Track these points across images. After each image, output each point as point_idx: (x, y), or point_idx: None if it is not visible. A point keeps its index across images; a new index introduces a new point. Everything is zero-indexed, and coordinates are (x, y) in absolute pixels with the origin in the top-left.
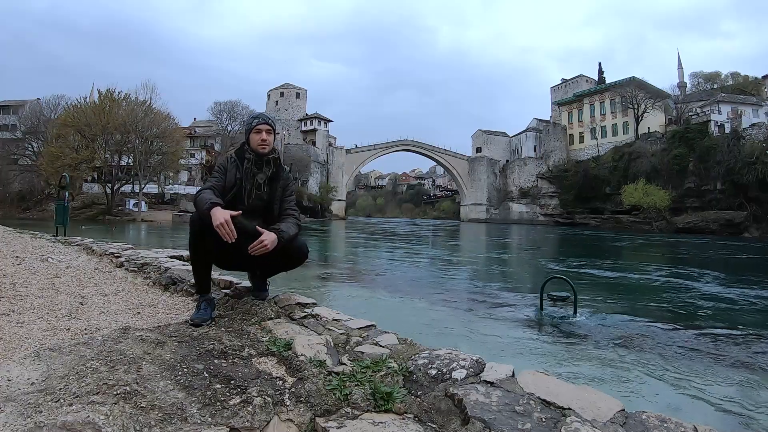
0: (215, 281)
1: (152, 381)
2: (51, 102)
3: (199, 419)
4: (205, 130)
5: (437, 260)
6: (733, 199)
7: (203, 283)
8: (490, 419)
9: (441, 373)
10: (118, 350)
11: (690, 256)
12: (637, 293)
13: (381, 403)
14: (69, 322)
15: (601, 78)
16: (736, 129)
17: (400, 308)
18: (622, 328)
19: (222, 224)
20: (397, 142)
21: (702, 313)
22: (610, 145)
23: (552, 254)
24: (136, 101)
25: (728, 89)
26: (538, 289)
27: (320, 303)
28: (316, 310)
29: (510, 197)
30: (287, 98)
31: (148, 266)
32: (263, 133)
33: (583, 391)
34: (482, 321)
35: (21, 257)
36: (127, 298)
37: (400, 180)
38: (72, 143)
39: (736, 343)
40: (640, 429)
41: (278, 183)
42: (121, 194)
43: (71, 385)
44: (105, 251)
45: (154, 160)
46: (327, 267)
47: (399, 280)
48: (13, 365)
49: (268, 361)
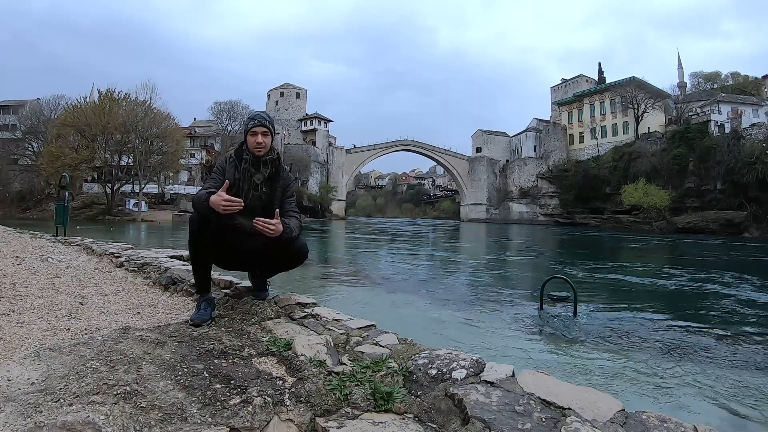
0: (215, 281)
1: (152, 381)
2: (51, 102)
3: (199, 419)
4: (205, 130)
5: (437, 260)
6: (733, 199)
7: (203, 283)
8: (490, 419)
9: (441, 373)
10: (118, 350)
11: (690, 256)
12: (638, 293)
13: (381, 403)
14: (69, 322)
15: (601, 78)
16: (736, 129)
17: (400, 308)
18: (622, 329)
19: (222, 200)
20: (397, 142)
21: (702, 314)
22: (610, 145)
23: (552, 254)
24: (136, 101)
25: (728, 89)
26: (538, 289)
27: (320, 303)
28: (316, 310)
29: (510, 197)
30: (287, 98)
31: (148, 266)
32: (258, 135)
33: (583, 391)
34: (482, 321)
35: (21, 257)
36: (127, 298)
37: (400, 180)
38: (72, 143)
39: (737, 344)
40: (640, 429)
41: (278, 183)
42: (121, 194)
43: (71, 385)
44: (105, 251)
45: (154, 160)
46: (327, 267)
47: (399, 280)
48: (13, 365)
49: (268, 361)
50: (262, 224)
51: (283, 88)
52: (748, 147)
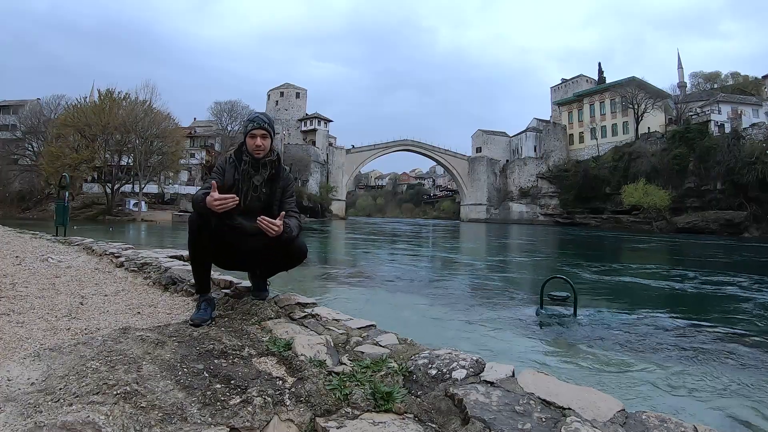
0: (215, 281)
1: (152, 381)
2: (51, 102)
3: (199, 419)
4: (205, 130)
5: (437, 260)
6: (733, 199)
7: (203, 283)
8: (490, 419)
9: (441, 373)
10: (118, 350)
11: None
12: (638, 294)
13: (381, 403)
14: (69, 322)
15: (601, 78)
16: (736, 129)
17: (400, 308)
18: (622, 329)
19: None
20: (397, 142)
21: (702, 314)
22: (610, 145)
23: (552, 254)
24: (136, 101)
25: (728, 89)
26: (538, 289)
27: (320, 303)
28: (316, 310)
29: (510, 197)
30: (287, 98)
31: (148, 266)
32: (258, 138)
33: (583, 391)
34: (482, 321)
35: (21, 257)
36: (127, 298)
37: (400, 180)
38: (72, 143)
39: (737, 344)
40: (640, 429)
41: (278, 184)
42: (121, 194)
43: (71, 385)
44: (105, 251)
45: (154, 160)
46: (327, 267)
47: (399, 280)
48: (13, 365)
49: (268, 361)
50: (266, 223)
51: (283, 88)
52: (748, 147)
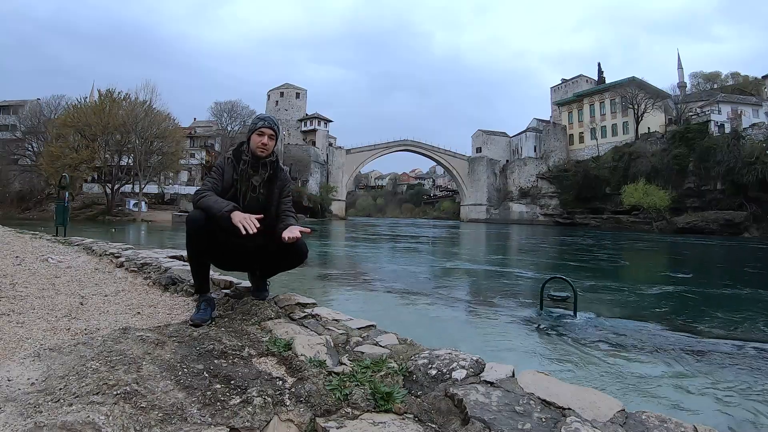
0: (215, 281)
1: (152, 381)
2: (51, 102)
3: (199, 419)
4: (205, 130)
5: (437, 260)
6: (733, 199)
7: (202, 283)
8: (490, 419)
9: (441, 373)
10: (118, 350)
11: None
12: (638, 294)
13: (381, 403)
14: (69, 322)
15: (601, 78)
16: (736, 129)
17: (400, 308)
18: (622, 329)
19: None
20: (397, 142)
21: (702, 314)
22: (610, 145)
23: (552, 254)
24: (136, 101)
25: (728, 89)
26: (538, 289)
27: (320, 303)
28: (316, 310)
29: (510, 197)
30: (287, 98)
31: (148, 266)
32: (265, 137)
33: (583, 391)
34: (482, 321)
35: (21, 257)
36: (127, 298)
37: (400, 180)
38: (72, 143)
39: (737, 345)
40: (640, 429)
41: (276, 184)
42: (121, 194)
43: (71, 385)
44: (105, 251)
45: (154, 160)
46: (327, 267)
47: (399, 280)
48: (13, 365)
49: (268, 361)
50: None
51: (283, 88)
52: (748, 147)
